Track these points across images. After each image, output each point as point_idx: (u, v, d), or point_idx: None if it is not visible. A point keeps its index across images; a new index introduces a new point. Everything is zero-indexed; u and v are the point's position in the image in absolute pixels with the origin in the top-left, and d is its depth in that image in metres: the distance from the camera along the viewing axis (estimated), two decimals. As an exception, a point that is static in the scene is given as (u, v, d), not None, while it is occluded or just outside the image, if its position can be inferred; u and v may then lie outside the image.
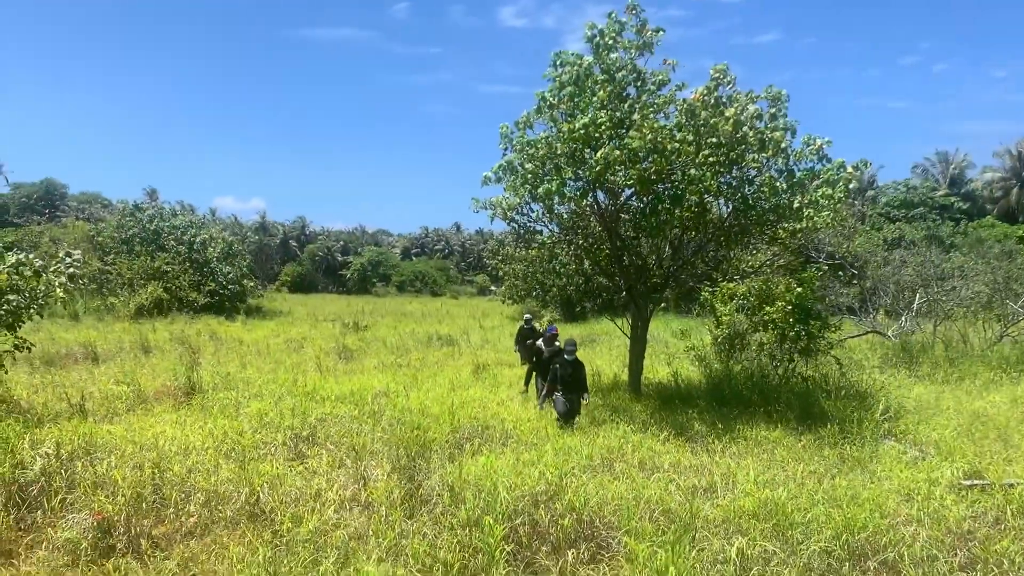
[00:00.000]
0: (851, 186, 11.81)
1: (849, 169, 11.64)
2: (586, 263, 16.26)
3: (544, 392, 12.03)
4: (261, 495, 7.29)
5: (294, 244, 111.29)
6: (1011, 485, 7.77)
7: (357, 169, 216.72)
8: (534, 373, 13.99)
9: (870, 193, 65.53)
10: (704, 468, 8.80)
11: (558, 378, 11.37)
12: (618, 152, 10.98)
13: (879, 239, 40.23)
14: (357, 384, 13.77)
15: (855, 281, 26.83)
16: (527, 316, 19.54)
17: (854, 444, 9.93)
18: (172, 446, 8.85)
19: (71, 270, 11.29)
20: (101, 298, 33.78)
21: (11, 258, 10.88)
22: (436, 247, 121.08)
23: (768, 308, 13.55)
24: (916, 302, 21.27)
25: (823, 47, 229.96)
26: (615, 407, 12.28)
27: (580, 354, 12.26)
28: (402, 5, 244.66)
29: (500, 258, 39.77)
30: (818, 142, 11.84)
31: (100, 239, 39.95)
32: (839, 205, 12.05)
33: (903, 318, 21.08)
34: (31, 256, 11.16)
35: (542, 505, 6.89)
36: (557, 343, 13.37)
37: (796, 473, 8.58)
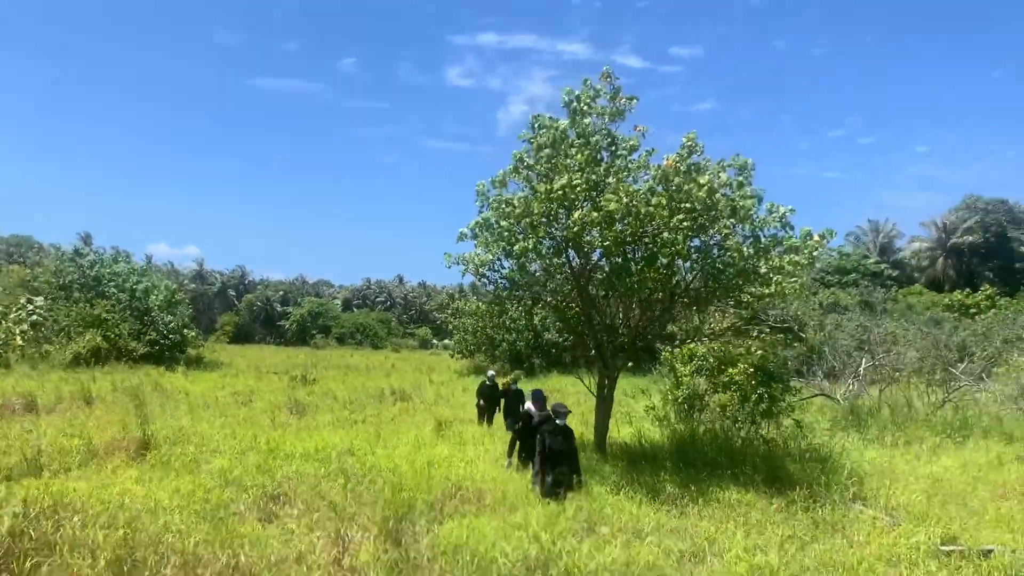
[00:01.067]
0: (815, 253, 12.18)
1: (816, 237, 12.03)
2: (536, 319, 16.33)
3: (537, 472, 10.46)
4: (242, 557, 7.00)
5: (232, 293, 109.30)
6: (989, 551, 7.94)
7: (299, 218, 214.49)
8: (518, 443, 12.25)
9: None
10: (685, 531, 8.80)
11: (546, 448, 10.32)
12: (595, 214, 11.20)
13: (815, 303, 41.41)
14: (320, 441, 13.39)
15: (795, 344, 27.49)
16: (490, 373, 19.37)
17: (825, 508, 10.02)
18: (140, 505, 8.46)
19: (33, 317, 10.80)
20: (36, 345, 32.32)
21: (-34, 303, 10.39)
22: (378, 299, 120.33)
23: (731, 370, 13.74)
24: (863, 366, 21.87)
25: (757, 118, 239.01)
26: (584, 467, 12.16)
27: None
28: (350, 60, 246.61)
29: (450, 311, 39.77)
30: (781, 210, 12.24)
31: (36, 284, 38.40)
32: (802, 271, 12.43)
33: (850, 381, 21.63)
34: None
35: (538, 571, 6.77)
36: (547, 409, 12.49)
37: (775, 537, 8.64)
